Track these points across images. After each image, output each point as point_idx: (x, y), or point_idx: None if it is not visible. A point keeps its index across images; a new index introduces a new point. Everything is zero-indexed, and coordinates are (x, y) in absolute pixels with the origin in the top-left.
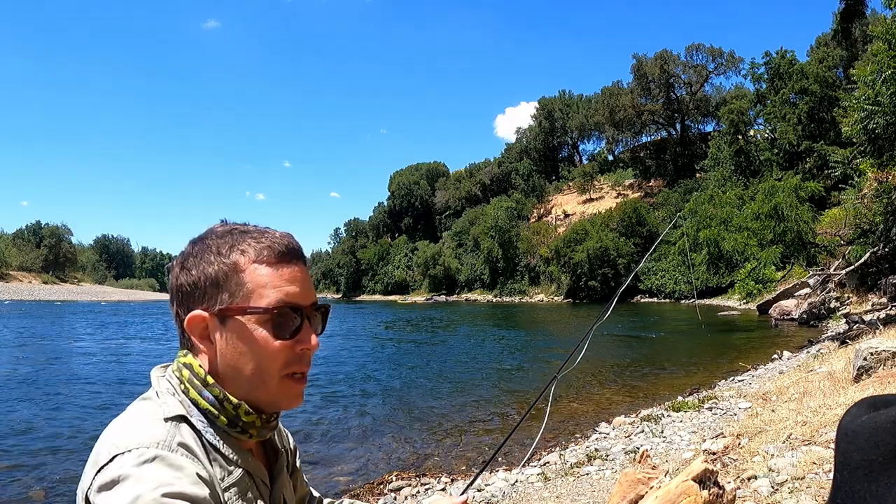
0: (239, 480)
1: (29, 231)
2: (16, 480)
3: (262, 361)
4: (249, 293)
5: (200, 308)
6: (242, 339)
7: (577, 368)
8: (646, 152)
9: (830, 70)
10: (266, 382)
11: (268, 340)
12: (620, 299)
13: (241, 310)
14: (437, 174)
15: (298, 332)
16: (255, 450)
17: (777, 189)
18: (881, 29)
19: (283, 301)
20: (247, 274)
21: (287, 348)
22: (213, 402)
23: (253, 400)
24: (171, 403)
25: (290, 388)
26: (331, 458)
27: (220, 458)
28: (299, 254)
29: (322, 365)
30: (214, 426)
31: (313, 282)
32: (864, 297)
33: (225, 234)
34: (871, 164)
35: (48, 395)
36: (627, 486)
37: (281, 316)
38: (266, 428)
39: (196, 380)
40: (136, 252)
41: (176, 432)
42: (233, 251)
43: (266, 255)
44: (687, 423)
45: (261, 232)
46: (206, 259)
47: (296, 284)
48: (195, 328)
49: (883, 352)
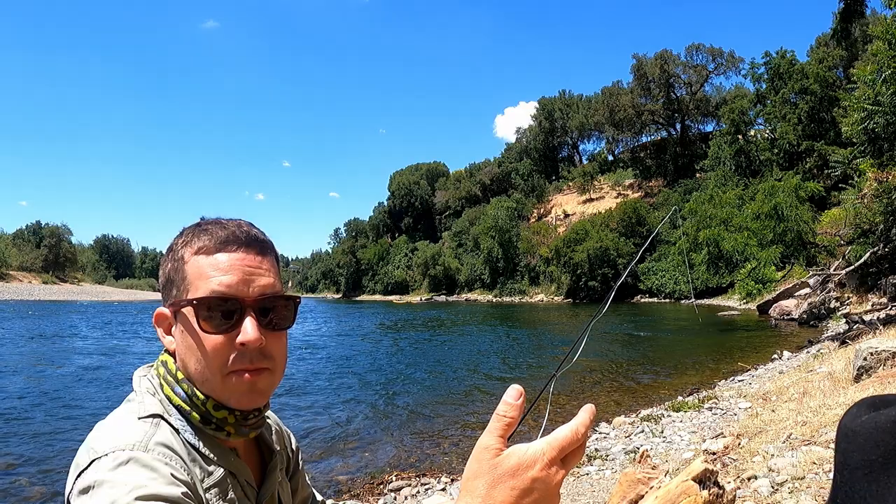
0: (220, 481)
1: (29, 231)
2: (14, 479)
3: (201, 356)
4: (188, 286)
5: (165, 304)
6: (187, 334)
7: (577, 369)
8: (646, 152)
9: (830, 70)
10: (210, 378)
11: (200, 334)
12: (620, 299)
13: (177, 303)
14: (437, 174)
15: (235, 325)
16: (243, 449)
17: (777, 189)
18: (881, 29)
19: (212, 291)
20: (188, 266)
21: (223, 343)
22: (184, 398)
23: (211, 396)
24: (149, 403)
25: (235, 385)
26: (331, 458)
27: (199, 458)
28: (247, 241)
29: (322, 365)
30: (192, 424)
31: (314, 282)
32: (864, 297)
33: (187, 231)
34: (871, 164)
35: (47, 396)
36: (627, 486)
37: (208, 307)
38: (243, 426)
39: (169, 376)
40: (136, 252)
41: (154, 431)
42: (185, 247)
43: (205, 244)
44: (687, 423)
45: (219, 224)
46: (166, 257)
47: (232, 273)
48: (160, 324)
49: (883, 352)
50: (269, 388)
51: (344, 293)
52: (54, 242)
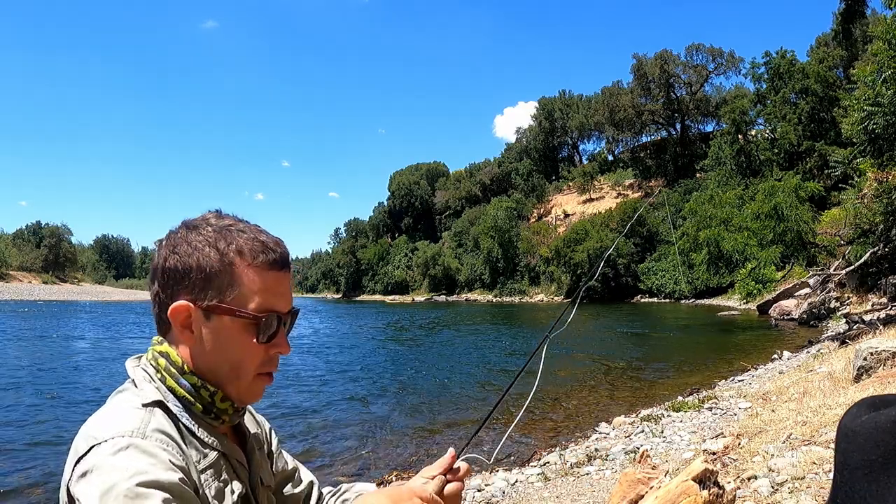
0: (214, 462)
1: (29, 231)
2: (13, 477)
3: (242, 360)
4: (240, 295)
5: (186, 297)
6: (225, 337)
7: (577, 369)
8: (646, 152)
9: (830, 70)
10: (241, 379)
11: (249, 342)
12: (620, 299)
13: (231, 311)
14: (437, 174)
15: (276, 336)
16: (229, 434)
17: (777, 189)
18: (881, 29)
19: (270, 309)
20: (240, 276)
21: (262, 351)
22: (189, 389)
23: (224, 391)
24: (148, 390)
25: (260, 385)
26: (331, 458)
27: (195, 442)
28: (288, 262)
29: (321, 365)
30: (190, 412)
31: (314, 282)
32: (864, 297)
33: (222, 229)
34: (871, 164)
35: (47, 394)
36: (627, 486)
37: (266, 322)
38: (237, 414)
39: (173, 368)
40: (136, 252)
41: (150, 418)
42: (230, 249)
43: (261, 260)
44: (687, 423)
45: (256, 233)
46: (200, 250)
47: (283, 293)
48: (178, 317)
49: (883, 352)
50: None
51: (344, 293)
52: (54, 242)
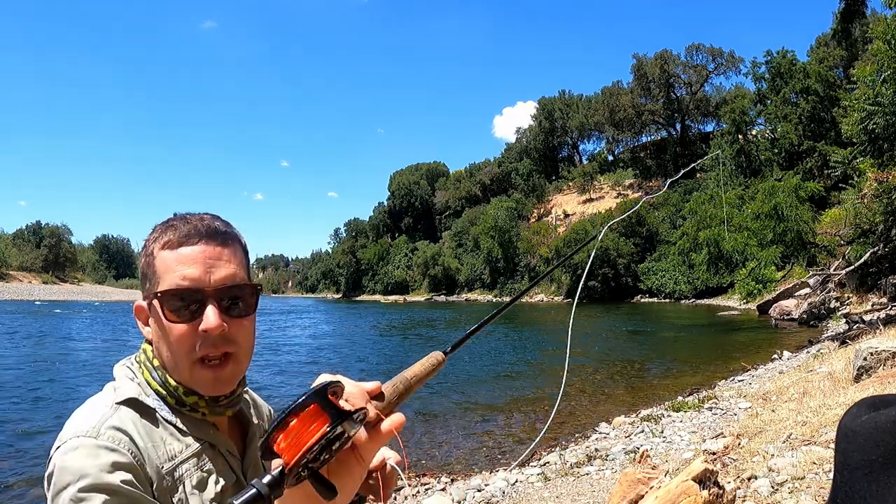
0: (197, 453)
1: (29, 231)
2: (12, 478)
3: (170, 345)
4: (157, 280)
5: (143, 296)
6: (156, 325)
7: (577, 370)
8: (646, 152)
9: (831, 70)
10: (178, 366)
11: (167, 324)
12: (620, 299)
13: (148, 296)
14: (437, 174)
15: (198, 314)
16: (225, 424)
17: (777, 189)
18: (881, 29)
19: (176, 284)
20: (157, 261)
21: (188, 332)
22: (160, 382)
23: (181, 383)
24: (126, 387)
25: (202, 373)
26: None
27: (176, 433)
28: (207, 233)
29: (320, 365)
30: (168, 404)
31: (314, 282)
32: (864, 297)
33: (157, 228)
34: (871, 164)
35: (46, 395)
36: (627, 486)
37: (173, 298)
38: (217, 406)
39: (148, 363)
40: (135, 252)
41: (112, 415)
42: (154, 242)
43: (170, 238)
44: (687, 423)
45: (183, 219)
46: (141, 253)
47: (194, 266)
48: (138, 316)
49: (883, 352)
50: (233, 377)
51: (344, 293)
52: (54, 242)
